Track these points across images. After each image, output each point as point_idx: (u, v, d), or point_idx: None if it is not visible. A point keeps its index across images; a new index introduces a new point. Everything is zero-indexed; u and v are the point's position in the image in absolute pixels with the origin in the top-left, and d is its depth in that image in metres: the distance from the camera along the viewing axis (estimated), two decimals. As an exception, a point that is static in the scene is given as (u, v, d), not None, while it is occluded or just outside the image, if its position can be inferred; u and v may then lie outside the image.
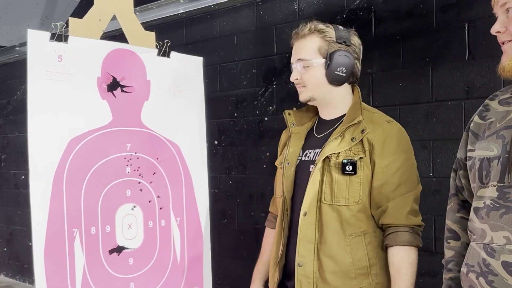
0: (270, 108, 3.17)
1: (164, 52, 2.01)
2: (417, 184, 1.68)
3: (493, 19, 1.32)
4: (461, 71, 2.41)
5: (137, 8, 3.48)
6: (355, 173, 1.61)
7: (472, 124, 1.38)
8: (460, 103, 2.42)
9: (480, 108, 1.38)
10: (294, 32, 1.74)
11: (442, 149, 2.46)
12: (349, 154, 1.62)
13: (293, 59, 1.74)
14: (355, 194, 1.62)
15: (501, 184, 1.22)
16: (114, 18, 1.92)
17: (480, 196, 1.28)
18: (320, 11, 2.93)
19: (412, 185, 1.65)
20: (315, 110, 1.81)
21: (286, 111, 1.83)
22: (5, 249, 5.44)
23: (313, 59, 1.68)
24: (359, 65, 1.74)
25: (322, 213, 1.63)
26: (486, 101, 1.38)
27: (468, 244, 1.37)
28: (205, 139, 2.16)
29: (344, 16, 2.82)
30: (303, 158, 1.74)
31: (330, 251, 1.62)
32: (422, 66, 2.53)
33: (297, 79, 1.73)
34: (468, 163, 1.35)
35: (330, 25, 1.71)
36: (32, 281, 5.06)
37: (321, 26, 1.69)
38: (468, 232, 1.33)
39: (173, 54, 2.04)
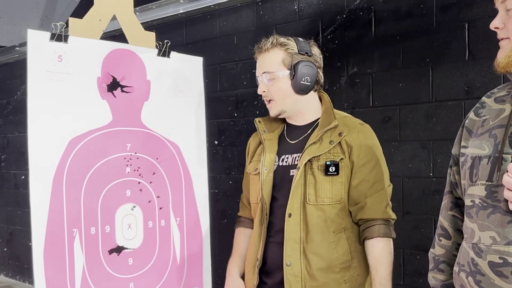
0: (270, 108, 3.17)
1: (164, 52, 2.01)
2: (389, 181, 1.81)
3: (493, 19, 1.32)
4: (461, 71, 2.41)
5: (137, 8, 3.48)
6: (338, 174, 1.72)
7: (467, 121, 1.38)
8: (460, 103, 2.42)
9: (477, 104, 1.39)
10: (256, 46, 1.83)
11: (442, 149, 2.46)
12: (329, 156, 1.73)
13: (258, 73, 1.82)
14: (338, 193, 1.73)
15: (490, 183, 1.22)
16: (114, 18, 1.92)
17: (470, 194, 1.28)
18: (320, 11, 2.93)
19: (386, 182, 1.78)
20: (282, 117, 1.88)
21: (257, 119, 1.92)
22: (5, 249, 5.44)
23: (278, 71, 1.77)
24: (321, 73, 1.85)
25: (306, 213, 1.72)
26: (483, 98, 1.38)
27: (459, 244, 1.38)
28: (205, 139, 2.16)
29: (344, 16, 2.81)
30: (280, 164, 1.82)
31: (317, 249, 1.71)
32: (422, 66, 2.53)
33: (264, 91, 1.81)
34: (461, 159, 1.35)
35: (290, 38, 1.80)
36: (32, 281, 5.06)
37: (282, 39, 1.79)
38: (463, 230, 1.34)
39: (173, 54, 2.04)
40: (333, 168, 1.71)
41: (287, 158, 1.81)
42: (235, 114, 3.38)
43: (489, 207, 1.21)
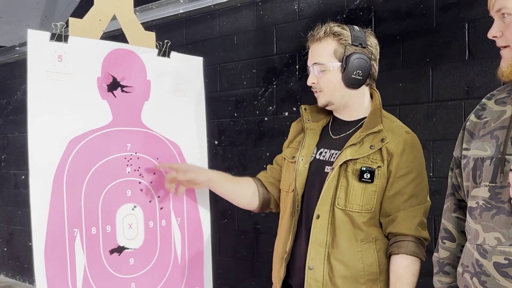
0: (270, 108, 3.18)
1: (164, 52, 2.01)
2: (428, 198, 1.69)
3: (493, 19, 1.32)
4: (461, 71, 2.42)
5: (137, 8, 3.48)
6: (372, 181, 1.62)
7: (468, 123, 1.38)
8: (460, 103, 2.42)
9: (477, 107, 1.39)
10: (309, 34, 1.73)
11: (442, 149, 2.47)
12: (367, 161, 1.63)
13: (309, 62, 1.73)
14: (370, 202, 1.63)
15: (493, 185, 1.23)
16: (114, 18, 1.92)
17: (474, 196, 1.28)
18: (320, 11, 2.93)
19: (423, 199, 1.67)
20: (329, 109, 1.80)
21: (303, 106, 1.83)
22: (5, 249, 5.44)
23: (329, 63, 1.68)
24: (376, 66, 1.75)
25: (335, 217, 1.64)
26: (483, 100, 1.38)
27: (463, 246, 1.37)
28: (205, 139, 2.16)
29: (344, 16, 2.82)
30: (317, 157, 1.74)
31: (342, 256, 1.63)
32: (422, 66, 2.53)
33: (314, 83, 1.72)
34: (463, 161, 1.35)
35: (345, 27, 1.70)
36: (32, 281, 5.07)
37: (336, 28, 1.68)
38: (465, 231, 1.34)
39: (173, 54, 2.04)
40: (368, 175, 1.61)
41: (325, 152, 1.72)
42: (235, 114, 3.38)
43: (493, 208, 1.22)
